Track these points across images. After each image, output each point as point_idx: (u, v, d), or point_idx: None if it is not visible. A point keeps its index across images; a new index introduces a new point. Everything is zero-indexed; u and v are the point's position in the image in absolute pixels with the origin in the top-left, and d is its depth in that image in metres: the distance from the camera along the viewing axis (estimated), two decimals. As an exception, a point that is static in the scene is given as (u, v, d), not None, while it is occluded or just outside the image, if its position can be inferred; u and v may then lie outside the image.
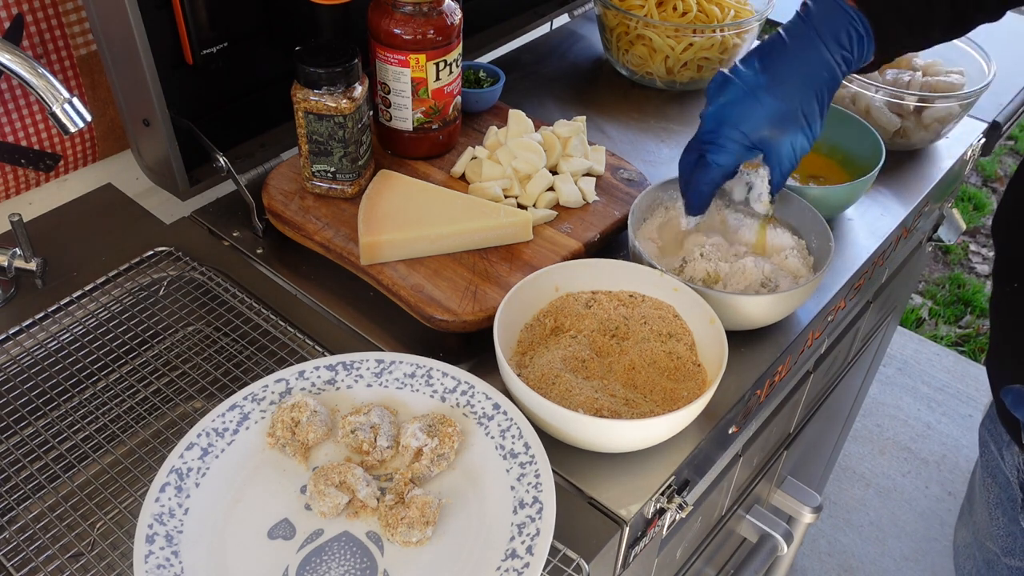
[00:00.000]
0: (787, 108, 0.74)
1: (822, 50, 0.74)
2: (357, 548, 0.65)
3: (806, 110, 0.75)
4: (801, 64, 0.74)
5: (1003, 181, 2.99)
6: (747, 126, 0.75)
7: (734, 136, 0.76)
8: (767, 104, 0.75)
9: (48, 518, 0.71)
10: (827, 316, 0.94)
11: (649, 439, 0.72)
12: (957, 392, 2.28)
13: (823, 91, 0.75)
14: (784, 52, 0.75)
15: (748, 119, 0.75)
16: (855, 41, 0.75)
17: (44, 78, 0.72)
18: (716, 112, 0.77)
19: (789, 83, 0.74)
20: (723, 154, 0.77)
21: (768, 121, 0.75)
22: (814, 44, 0.74)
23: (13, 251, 0.84)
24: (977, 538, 0.98)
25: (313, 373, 0.75)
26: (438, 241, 0.86)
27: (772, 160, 0.78)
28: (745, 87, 0.75)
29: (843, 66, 0.75)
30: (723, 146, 0.77)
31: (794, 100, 0.74)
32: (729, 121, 0.76)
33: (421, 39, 0.89)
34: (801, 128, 0.76)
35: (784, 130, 0.75)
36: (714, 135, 0.77)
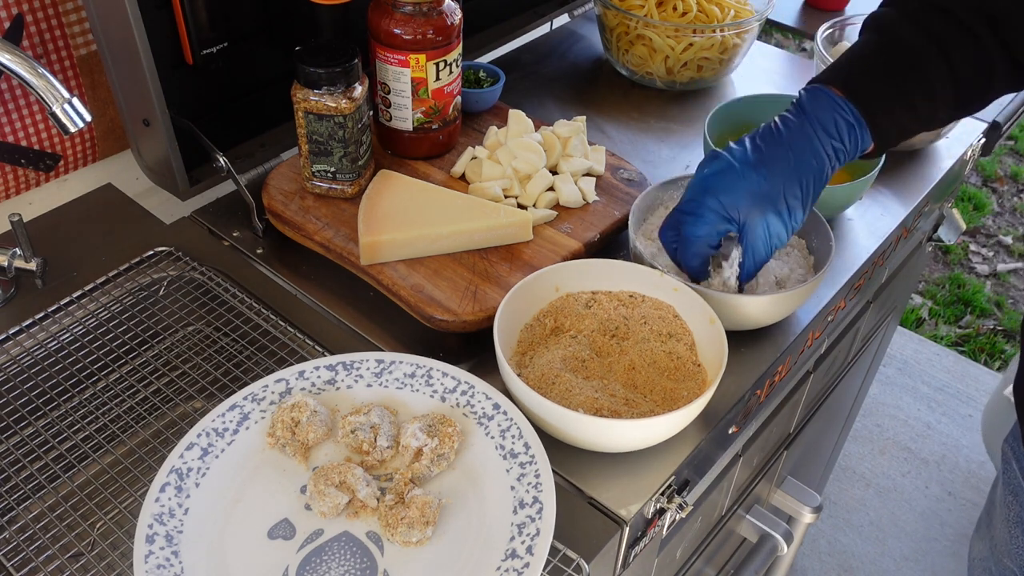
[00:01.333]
0: (768, 187, 0.74)
1: (812, 138, 0.74)
2: (357, 548, 0.66)
3: (788, 195, 0.74)
4: (791, 149, 0.74)
5: (1003, 181, 2.99)
6: (726, 196, 0.74)
7: (712, 205, 0.75)
8: (750, 178, 0.74)
9: (48, 518, 0.71)
10: (827, 316, 0.94)
11: (649, 439, 0.72)
12: (957, 392, 2.28)
13: (809, 180, 0.75)
14: (777, 137, 0.75)
15: (728, 190, 0.74)
16: (845, 130, 0.74)
17: (44, 78, 0.72)
18: (698, 182, 0.76)
19: (776, 165, 0.74)
20: (701, 224, 0.76)
21: (748, 195, 0.74)
22: (805, 132, 0.74)
23: (13, 251, 0.84)
24: (994, 554, 0.98)
25: (313, 373, 0.75)
26: (438, 241, 0.86)
27: (746, 242, 0.76)
28: (732, 160, 0.75)
29: (834, 157, 0.75)
30: (701, 216, 0.75)
31: (777, 181, 0.74)
32: (710, 190, 0.75)
33: (421, 39, 0.89)
34: (779, 213, 0.75)
35: (762, 210, 0.74)
36: (693, 204, 0.76)
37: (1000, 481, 0.96)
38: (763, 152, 0.74)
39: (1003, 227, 2.81)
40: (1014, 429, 0.93)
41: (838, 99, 0.75)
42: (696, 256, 0.78)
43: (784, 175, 0.74)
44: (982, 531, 1.03)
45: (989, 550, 0.99)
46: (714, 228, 0.76)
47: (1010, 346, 2.42)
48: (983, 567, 1.02)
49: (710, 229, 0.76)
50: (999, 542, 0.96)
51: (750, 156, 0.74)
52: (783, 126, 0.75)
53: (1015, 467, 0.92)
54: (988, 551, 1.00)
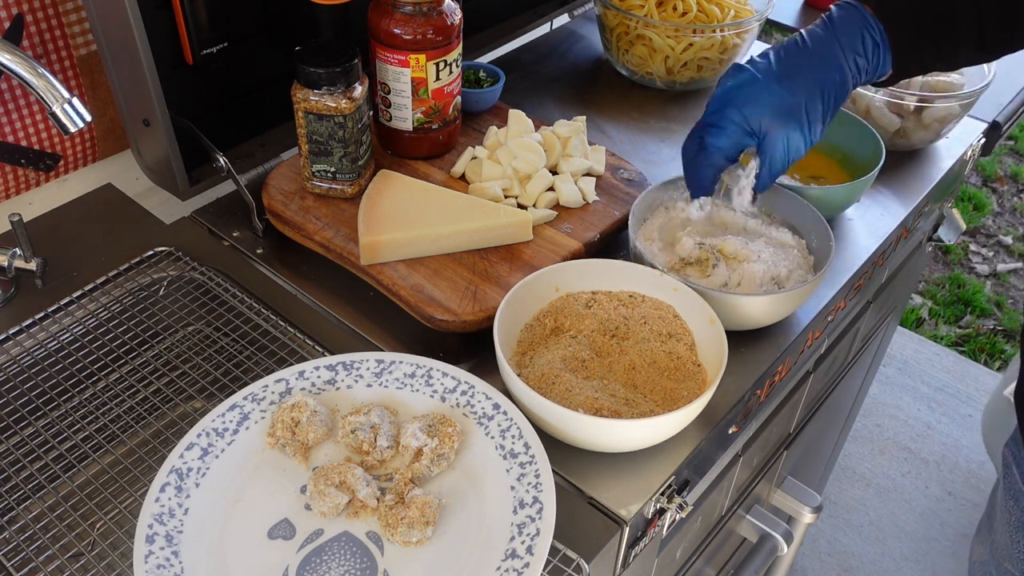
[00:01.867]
0: (792, 101, 0.74)
1: (837, 53, 0.75)
2: (357, 548, 0.66)
3: (809, 107, 0.75)
4: (815, 62, 0.75)
5: (1003, 181, 2.99)
6: (749, 109, 0.75)
7: (735, 118, 0.76)
8: (773, 92, 0.75)
9: (48, 518, 0.71)
10: (827, 316, 0.94)
11: (649, 439, 0.72)
12: (957, 392, 2.28)
13: (830, 93, 0.75)
14: (801, 49, 0.76)
15: (751, 102, 0.75)
16: (870, 48, 0.75)
17: (44, 78, 0.72)
18: (722, 94, 0.77)
19: (799, 77, 0.75)
20: (722, 137, 0.77)
21: (770, 108, 0.75)
22: (830, 46, 0.75)
23: (13, 251, 0.84)
24: (995, 557, 0.98)
25: (313, 373, 0.75)
26: (438, 241, 0.86)
27: (764, 154, 0.77)
28: (756, 73, 0.76)
29: (855, 71, 0.76)
30: (723, 128, 0.76)
31: (800, 94, 0.74)
32: (733, 103, 0.76)
33: (421, 39, 0.89)
34: (800, 125, 0.75)
35: (784, 122, 0.75)
36: (716, 116, 0.77)
37: (1001, 485, 0.96)
38: (787, 65, 0.75)
39: (1003, 227, 2.81)
40: (1015, 434, 0.93)
41: (868, 16, 0.75)
42: (712, 167, 0.79)
43: (807, 88, 0.74)
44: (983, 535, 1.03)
45: (990, 554, 0.99)
46: (736, 140, 0.77)
47: (1010, 346, 2.42)
48: (983, 571, 1.02)
49: (732, 141, 0.77)
50: (1000, 546, 0.96)
51: (774, 68, 0.75)
52: (809, 39, 0.76)
53: (1015, 472, 0.92)
54: (989, 555, 1.00)
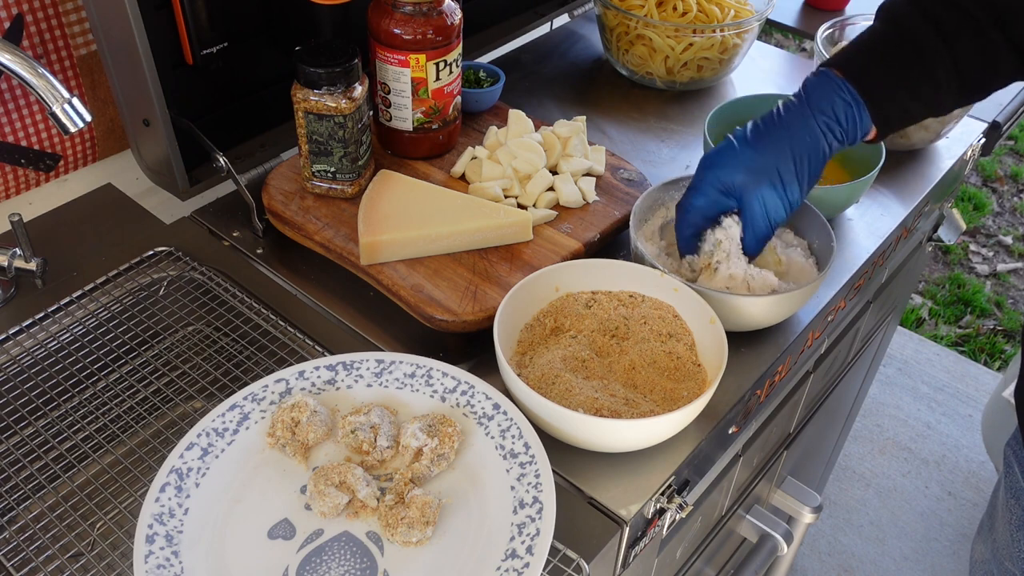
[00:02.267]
0: (761, 161, 0.78)
1: (807, 116, 0.78)
2: (357, 548, 0.66)
3: (781, 168, 0.78)
4: (785, 126, 0.78)
5: (1003, 181, 2.99)
6: (723, 171, 0.79)
7: (710, 179, 0.80)
8: (744, 155, 0.79)
9: (48, 518, 0.71)
10: (827, 316, 0.94)
11: (649, 439, 0.72)
12: (957, 392, 2.28)
13: (802, 155, 0.78)
14: (774, 118, 0.80)
15: (725, 165, 0.79)
16: (841, 109, 0.78)
17: (44, 78, 0.72)
18: (703, 159, 0.82)
19: (770, 141, 0.78)
20: (700, 196, 0.81)
21: (743, 169, 0.78)
22: (801, 112, 0.79)
23: (13, 251, 0.84)
24: (996, 556, 0.98)
25: (313, 373, 0.75)
26: (438, 241, 0.86)
27: (744, 215, 0.80)
28: (732, 140, 0.80)
29: (829, 132, 0.78)
30: (700, 189, 0.81)
31: (770, 156, 0.78)
32: (710, 166, 0.80)
33: (421, 39, 0.89)
34: (773, 185, 0.78)
35: (756, 182, 0.78)
36: (696, 179, 0.82)
37: (1002, 484, 0.96)
38: (760, 132, 0.79)
39: (1003, 227, 2.81)
40: (1016, 432, 0.93)
41: (836, 79, 0.78)
42: (691, 225, 0.82)
43: (777, 150, 0.78)
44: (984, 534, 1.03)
45: (991, 553, 0.99)
46: (712, 199, 0.80)
47: (1010, 346, 2.42)
48: (984, 570, 1.02)
49: (708, 200, 0.80)
50: (1001, 545, 0.96)
51: (748, 136, 0.79)
52: (783, 109, 0.80)
53: (1017, 470, 0.92)
54: (990, 554, 1.00)
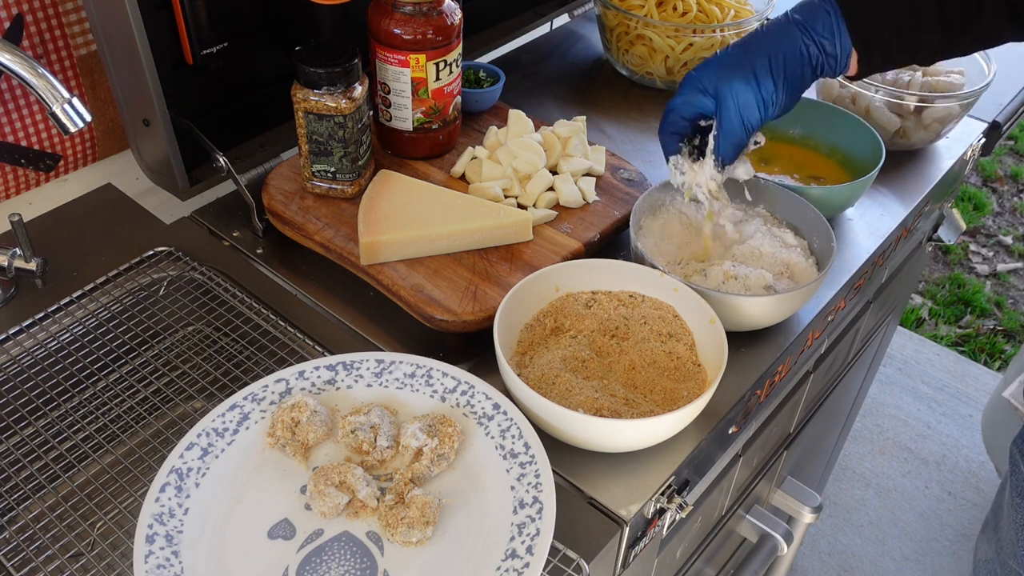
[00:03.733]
0: (735, 59, 0.80)
1: (789, 26, 0.80)
2: (357, 548, 0.66)
3: (756, 64, 0.79)
4: (764, 33, 0.81)
5: (1003, 181, 2.99)
6: (701, 72, 0.82)
7: (688, 81, 0.82)
8: (720, 56, 0.82)
9: (48, 518, 0.71)
10: (827, 316, 0.94)
11: (649, 439, 0.72)
12: (957, 392, 2.28)
13: (778, 52, 0.79)
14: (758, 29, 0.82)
15: (703, 67, 0.82)
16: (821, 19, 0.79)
17: (44, 78, 0.72)
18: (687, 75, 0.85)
19: (746, 43, 0.81)
20: (678, 97, 0.83)
21: (716, 67, 0.81)
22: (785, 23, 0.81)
23: (13, 251, 0.84)
24: (1000, 555, 0.98)
25: (313, 373, 0.75)
26: (438, 241, 0.86)
27: (719, 113, 0.81)
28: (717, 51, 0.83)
29: (809, 40, 0.79)
30: (680, 91, 0.83)
31: (745, 57, 0.80)
32: (691, 72, 0.83)
33: (421, 39, 0.89)
34: (746, 80, 0.79)
35: (729, 78, 0.80)
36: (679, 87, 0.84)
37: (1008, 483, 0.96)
38: (742, 40, 0.83)
39: (1003, 227, 2.81)
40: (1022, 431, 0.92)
41: None
42: (670, 125, 0.85)
43: (754, 50, 0.80)
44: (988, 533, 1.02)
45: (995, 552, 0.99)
46: (688, 98, 0.82)
47: (1010, 346, 2.42)
48: (988, 569, 1.02)
49: (684, 99, 0.83)
50: (1005, 544, 0.96)
51: (730, 45, 0.83)
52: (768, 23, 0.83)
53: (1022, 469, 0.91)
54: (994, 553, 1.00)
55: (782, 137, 1.05)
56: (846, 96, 1.09)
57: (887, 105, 1.05)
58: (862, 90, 1.06)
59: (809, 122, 1.04)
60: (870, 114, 1.06)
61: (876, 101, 1.05)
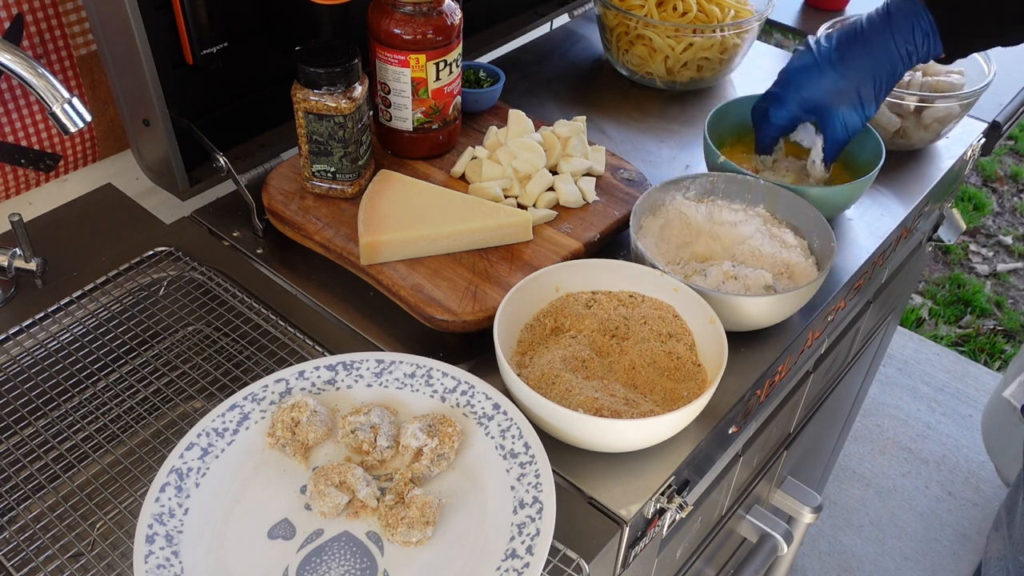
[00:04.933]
0: (845, 85, 0.85)
1: (889, 42, 0.84)
2: (357, 548, 0.66)
3: (862, 91, 0.85)
4: (869, 50, 0.84)
5: (1003, 181, 2.99)
6: (807, 91, 0.87)
7: (794, 97, 0.87)
8: (829, 76, 0.85)
9: (48, 518, 0.71)
10: (827, 316, 0.94)
11: (649, 439, 0.72)
12: (957, 392, 2.28)
13: (882, 79, 0.85)
14: (859, 37, 0.85)
15: (809, 86, 0.86)
16: (920, 37, 0.83)
17: (44, 78, 0.72)
18: (786, 73, 0.88)
19: (854, 65, 0.85)
20: (783, 110, 0.89)
21: (825, 91, 0.86)
22: (885, 35, 0.84)
23: (13, 251, 0.84)
24: (1013, 552, 0.98)
25: (313, 373, 0.75)
26: (438, 241, 0.86)
27: (825, 130, 0.88)
28: (816, 57, 0.86)
29: (906, 59, 0.84)
30: (784, 103, 0.88)
31: (853, 80, 0.85)
32: (793, 83, 0.87)
33: (421, 39, 0.89)
34: (854, 106, 0.86)
35: (838, 103, 0.86)
36: (780, 91, 0.89)
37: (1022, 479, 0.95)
38: (843, 52, 0.85)
39: (1003, 227, 2.81)
40: None
41: (921, 8, 0.83)
42: (771, 135, 0.94)
43: (860, 74, 0.85)
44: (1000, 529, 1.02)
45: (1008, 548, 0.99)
46: (794, 115, 0.90)
47: (1010, 346, 2.42)
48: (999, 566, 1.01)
49: (790, 115, 0.89)
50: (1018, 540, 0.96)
51: (833, 55, 0.85)
52: (867, 26, 0.85)
53: None
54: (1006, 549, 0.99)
55: (782, 137, 1.05)
56: (846, 96, 1.09)
57: (887, 105, 1.05)
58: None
59: (809, 122, 1.04)
60: (870, 114, 1.06)
61: (876, 101, 1.05)
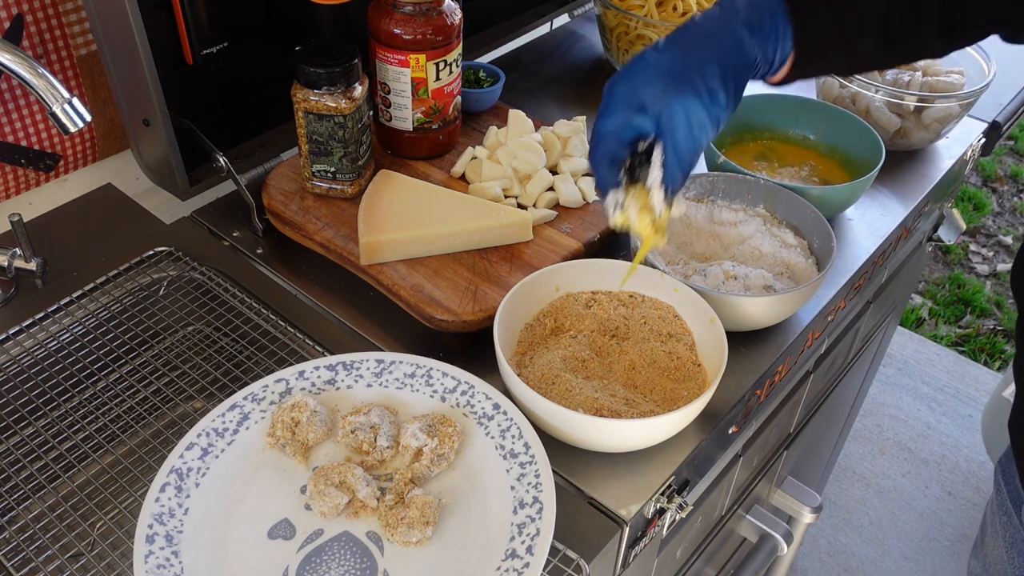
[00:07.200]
0: (680, 66, 0.64)
1: (730, 19, 0.66)
2: (357, 548, 0.66)
3: (706, 72, 0.64)
4: (706, 31, 0.66)
5: (1003, 181, 2.99)
6: (635, 81, 0.65)
7: (621, 94, 0.65)
8: (660, 62, 0.65)
9: (48, 518, 0.71)
10: (827, 316, 0.94)
11: (649, 439, 0.72)
12: (957, 392, 2.28)
13: (727, 60, 0.65)
14: (692, 24, 0.67)
15: (638, 75, 0.65)
16: (767, 18, 0.66)
17: (44, 78, 0.72)
18: (612, 79, 0.67)
19: (686, 45, 0.65)
20: (611, 118, 0.66)
21: (659, 77, 0.64)
22: (723, 15, 0.66)
23: (13, 251, 0.84)
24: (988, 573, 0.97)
25: (313, 373, 0.75)
26: (438, 241, 0.86)
27: (666, 135, 0.65)
28: (644, 52, 0.66)
29: (751, 40, 0.66)
30: (612, 109, 0.66)
31: (690, 60, 0.64)
32: (620, 80, 0.66)
33: (421, 39, 0.89)
34: (697, 93, 0.64)
35: (676, 89, 0.64)
36: (606, 99, 0.67)
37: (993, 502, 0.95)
38: (675, 38, 0.66)
39: (1003, 227, 2.81)
40: (1007, 451, 0.92)
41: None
42: (605, 156, 0.67)
43: (699, 54, 0.65)
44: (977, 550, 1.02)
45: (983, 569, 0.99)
46: (626, 119, 0.66)
47: (1010, 346, 2.42)
48: None
49: (620, 121, 0.66)
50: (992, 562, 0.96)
51: (662, 44, 0.66)
52: (701, 15, 0.68)
53: (1004, 490, 0.91)
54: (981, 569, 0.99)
55: (782, 137, 1.05)
56: (846, 96, 1.09)
57: (887, 105, 1.05)
58: (862, 90, 1.06)
59: (809, 122, 1.04)
60: (870, 114, 1.06)
61: (876, 101, 1.05)
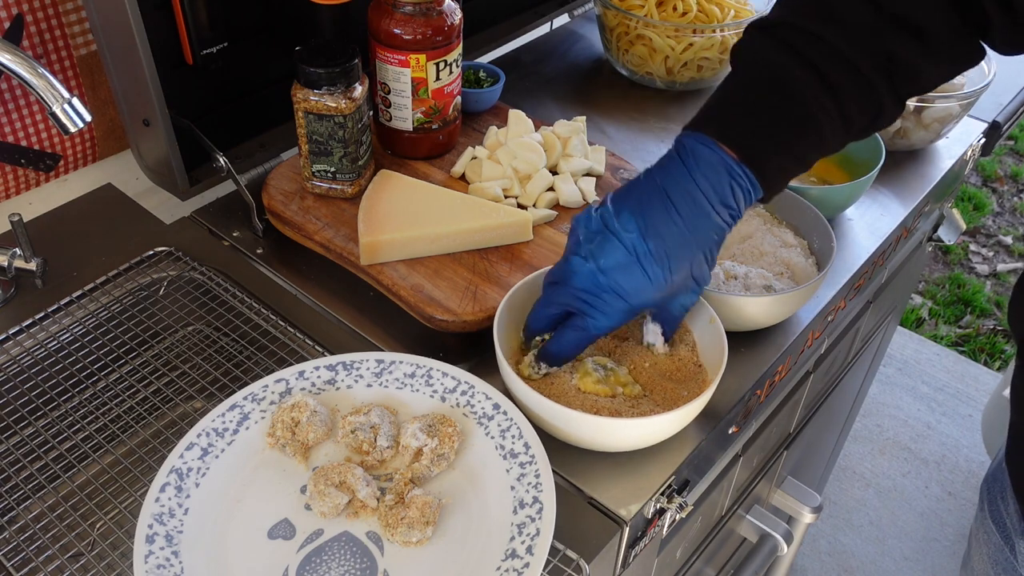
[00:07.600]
0: (678, 279, 0.69)
1: (711, 214, 0.67)
2: (357, 548, 0.66)
3: (696, 274, 0.69)
4: (690, 229, 0.67)
5: (1003, 181, 2.99)
6: (636, 299, 0.69)
7: (620, 307, 0.69)
8: (657, 277, 0.68)
9: (48, 518, 0.71)
10: (827, 316, 0.94)
11: (649, 438, 0.72)
12: (957, 392, 2.28)
13: (712, 250, 0.69)
14: (672, 216, 0.67)
15: (637, 293, 0.68)
16: (742, 198, 0.68)
17: (44, 78, 0.72)
18: (596, 274, 0.69)
19: (678, 256, 0.68)
20: (604, 320, 0.70)
21: (658, 293, 0.69)
22: (702, 207, 0.67)
23: (13, 251, 0.84)
24: None
25: (313, 373, 0.75)
26: (438, 241, 0.86)
27: (663, 316, 0.75)
28: (629, 253, 0.67)
29: (730, 221, 0.69)
30: (606, 313, 0.69)
31: (685, 269, 0.68)
32: (614, 290, 0.68)
33: (421, 39, 0.89)
34: (693, 291, 0.71)
35: (675, 295, 0.71)
36: (595, 299, 0.69)
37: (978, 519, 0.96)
38: (663, 240, 0.67)
39: (1003, 227, 2.81)
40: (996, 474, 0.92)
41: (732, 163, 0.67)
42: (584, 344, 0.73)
43: (689, 259, 0.68)
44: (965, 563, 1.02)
45: None
46: (620, 322, 0.71)
47: (1010, 346, 2.42)
48: None
49: (615, 323, 0.71)
50: None
51: (649, 247, 0.67)
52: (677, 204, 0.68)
53: (987, 509, 0.91)
54: None
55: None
56: (846, 96, 1.09)
57: (887, 105, 1.05)
58: (862, 90, 1.06)
59: (809, 122, 1.03)
60: (870, 114, 1.06)
61: (876, 101, 1.05)
